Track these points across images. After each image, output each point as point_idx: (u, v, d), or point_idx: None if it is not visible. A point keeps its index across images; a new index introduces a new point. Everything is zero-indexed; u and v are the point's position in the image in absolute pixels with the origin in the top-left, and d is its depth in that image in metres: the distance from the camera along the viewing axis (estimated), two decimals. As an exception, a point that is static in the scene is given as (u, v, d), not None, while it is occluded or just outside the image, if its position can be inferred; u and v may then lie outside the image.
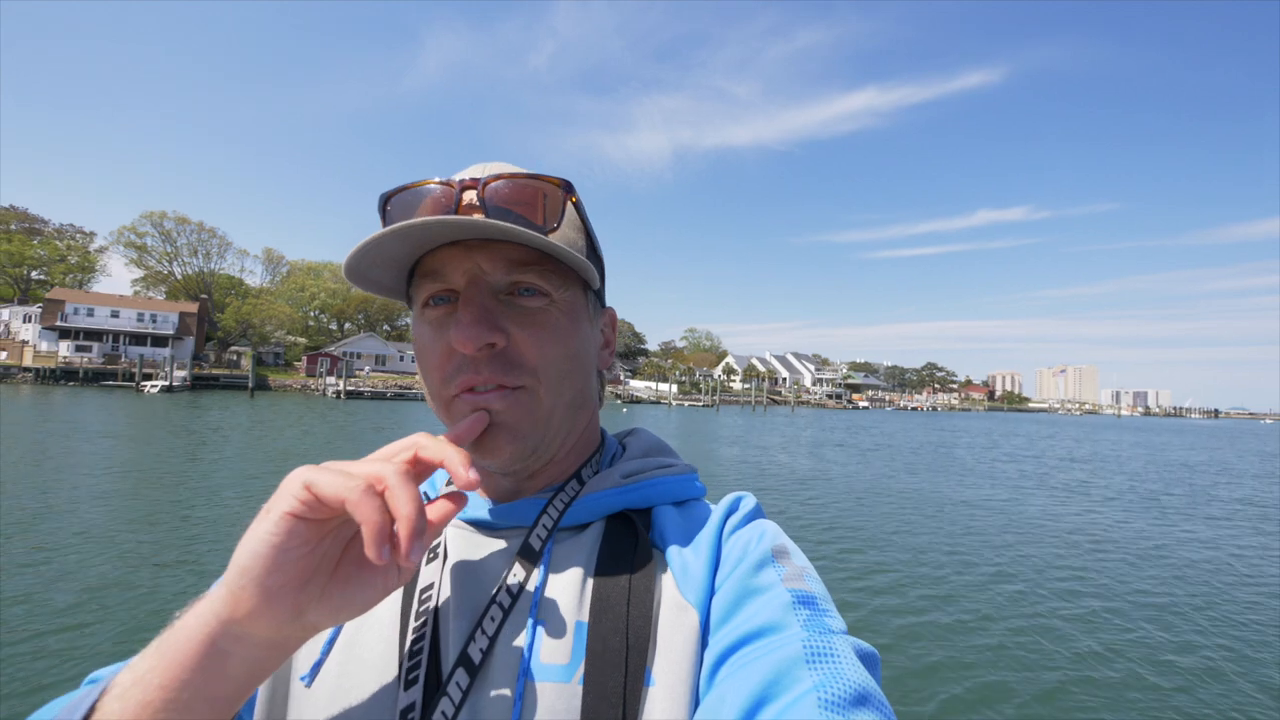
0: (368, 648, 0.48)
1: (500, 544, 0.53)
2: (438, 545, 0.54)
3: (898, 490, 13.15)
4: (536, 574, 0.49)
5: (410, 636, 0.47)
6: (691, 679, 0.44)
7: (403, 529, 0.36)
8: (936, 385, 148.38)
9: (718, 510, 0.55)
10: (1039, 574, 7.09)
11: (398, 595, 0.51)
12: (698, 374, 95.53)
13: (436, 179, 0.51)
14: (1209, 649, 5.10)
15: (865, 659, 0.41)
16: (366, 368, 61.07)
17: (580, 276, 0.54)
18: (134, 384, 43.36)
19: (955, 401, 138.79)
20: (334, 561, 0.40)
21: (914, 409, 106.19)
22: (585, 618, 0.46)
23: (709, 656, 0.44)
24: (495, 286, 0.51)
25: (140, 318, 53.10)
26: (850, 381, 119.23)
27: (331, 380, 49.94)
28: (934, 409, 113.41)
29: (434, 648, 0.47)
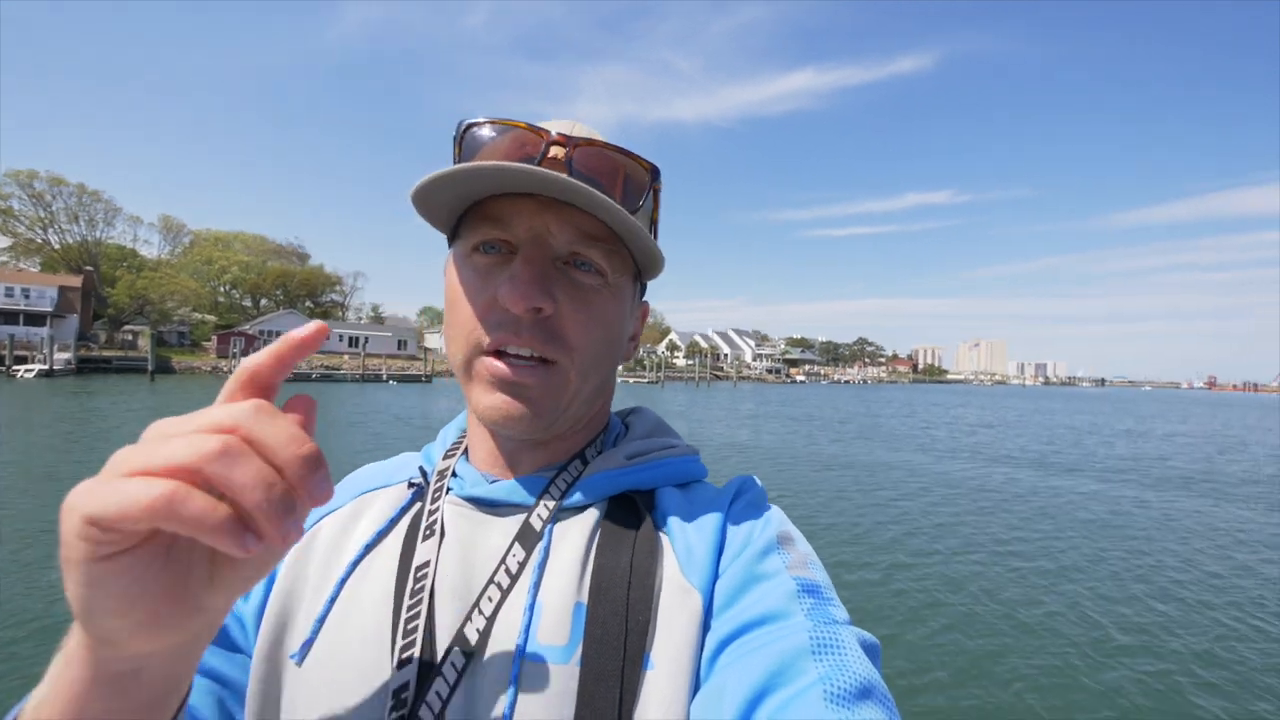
0: (360, 627, 0.47)
1: (500, 523, 0.51)
2: (435, 522, 0.51)
3: (824, 455, 13.76)
4: (536, 554, 0.48)
5: (405, 615, 0.46)
6: (692, 663, 0.43)
7: (288, 485, 0.27)
8: (867, 360, 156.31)
9: (723, 493, 0.54)
10: (940, 527, 7.45)
11: (392, 573, 0.49)
12: (642, 351, 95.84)
13: (525, 123, 0.49)
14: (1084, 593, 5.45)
15: (868, 650, 0.41)
16: (285, 347, 56.53)
17: (634, 265, 0.53)
18: (3, 368, 38.14)
19: (884, 374, 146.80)
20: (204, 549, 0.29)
21: (846, 382, 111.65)
22: (584, 599, 0.46)
23: (710, 641, 0.44)
24: (556, 252, 0.49)
25: (9, 292, 46.29)
26: (788, 357, 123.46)
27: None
28: (865, 382, 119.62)
29: (429, 627, 0.46)
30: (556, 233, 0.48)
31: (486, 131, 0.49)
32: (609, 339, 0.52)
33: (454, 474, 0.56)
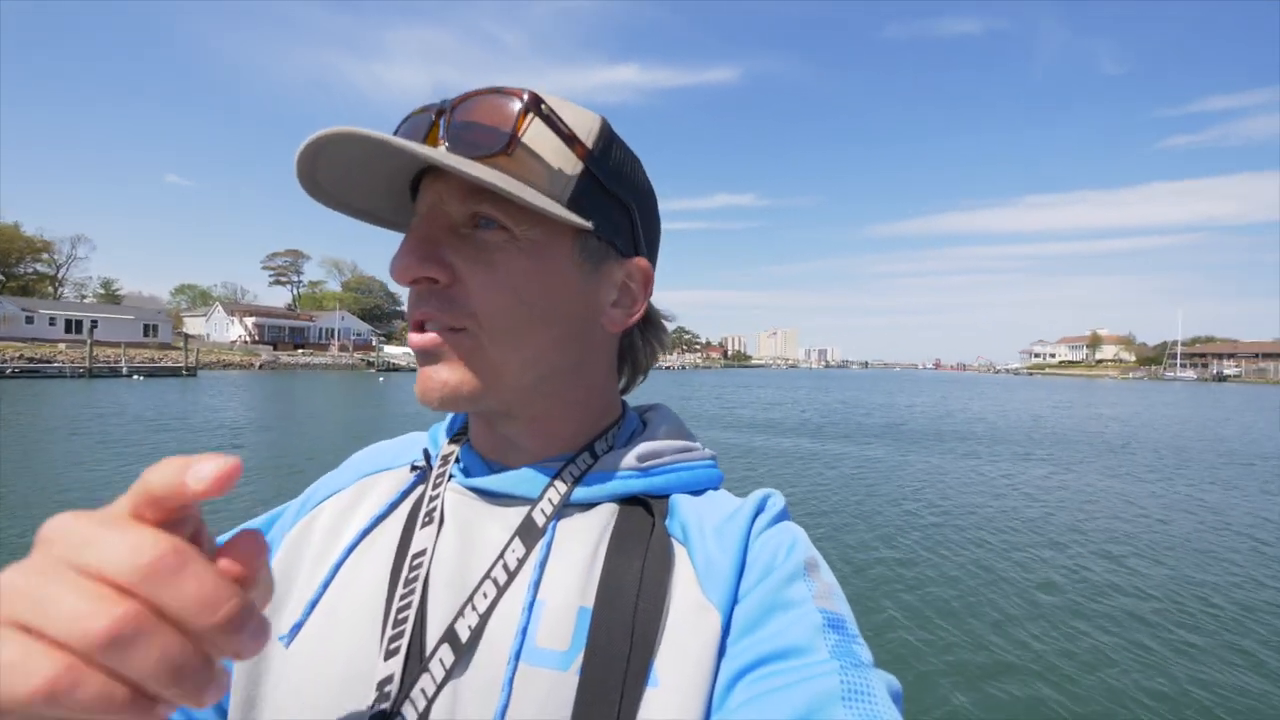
0: (351, 612, 0.45)
1: (501, 514, 0.48)
2: (434, 509, 0.49)
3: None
4: (538, 551, 0.45)
5: (396, 604, 0.44)
6: (706, 686, 0.40)
7: (221, 641, 0.22)
8: (685, 347, 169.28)
9: (745, 507, 0.50)
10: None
11: (388, 559, 0.48)
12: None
13: (431, 106, 0.47)
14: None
15: (895, 698, 0.39)
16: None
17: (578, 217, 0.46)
18: None
19: (700, 360, 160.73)
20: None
21: (668, 368, 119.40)
22: (589, 603, 0.43)
23: (727, 666, 0.41)
24: (454, 218, 0.46)
25: None
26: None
27: (-115, 352, 32.84)
28: (683, 367, 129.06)
29: (420, 619, 0.44)
30: (448, 198, 0.45)
31: (401, 128, 0.48)
32: (525, 300, 0.46)
33: (457, 459, 0.53)
